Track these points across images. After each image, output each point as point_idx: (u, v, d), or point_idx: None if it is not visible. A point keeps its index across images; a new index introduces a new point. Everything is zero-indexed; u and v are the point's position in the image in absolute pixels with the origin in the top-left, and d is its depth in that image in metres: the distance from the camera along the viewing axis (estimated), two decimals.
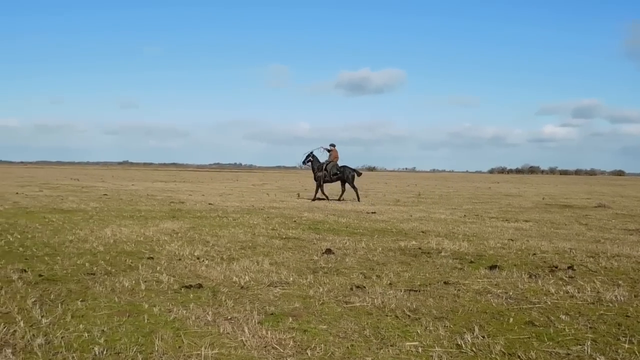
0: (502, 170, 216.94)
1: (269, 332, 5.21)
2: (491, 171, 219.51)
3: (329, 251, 9.86)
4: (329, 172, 25.66)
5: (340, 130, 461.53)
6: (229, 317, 5.73)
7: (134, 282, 7.22)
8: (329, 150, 26.02)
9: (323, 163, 25.89)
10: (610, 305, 6.50)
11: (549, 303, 6.55)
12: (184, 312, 5.86)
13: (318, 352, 4.76)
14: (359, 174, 26.58)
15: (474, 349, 4.92)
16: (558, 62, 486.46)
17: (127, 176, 71.66)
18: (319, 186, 25.97)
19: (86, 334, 5.08)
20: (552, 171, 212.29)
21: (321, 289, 6.99)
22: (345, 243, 11.06)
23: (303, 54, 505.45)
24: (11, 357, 4.51)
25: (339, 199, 25.56)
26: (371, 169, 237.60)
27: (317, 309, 6.12)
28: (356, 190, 25.99)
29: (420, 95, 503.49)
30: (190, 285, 7.05)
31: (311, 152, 26.22)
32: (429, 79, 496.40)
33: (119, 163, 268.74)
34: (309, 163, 26.28)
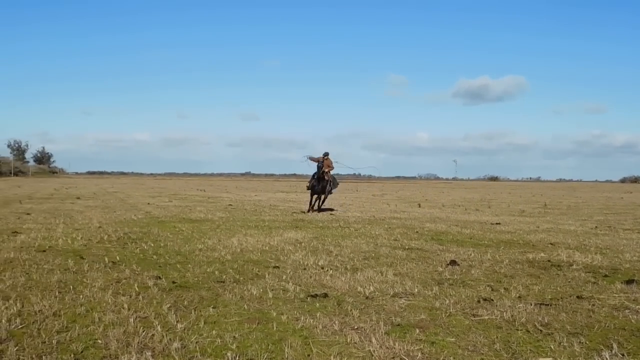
0: (635, 180, 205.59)
1: (396, 343, 5.18)
2: (623, 180, 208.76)
3: (453, 262, 9.70)
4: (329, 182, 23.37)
5: (460, 140, 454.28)
6: (356, 327, 5.74)
7: (261, 290, 7.39)
8: (316, 160, 23.22)
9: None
10: None
11: None
12: (311, 320, 5.94)
13: None
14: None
15: None
16: None
17: (249, 187, 73.78)
18: (317, 198, 23.60)
19: (219, 340, 5.25)
20: None
21: (447, 301, 6.88)
22: (470, 254, 10.83)
23: (420, 63, 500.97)
24: (151, 359, 4.73)
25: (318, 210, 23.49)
26: (493, 179, 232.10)
27: (443, 320, 6.02)
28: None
29: (543, 103, 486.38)
30: (316, 295, 7.13)
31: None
32: (550, 85, 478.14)
33: (242, 174, 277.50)
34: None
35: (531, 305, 6.72)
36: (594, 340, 5.39)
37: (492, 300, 6.98)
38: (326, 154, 23.47)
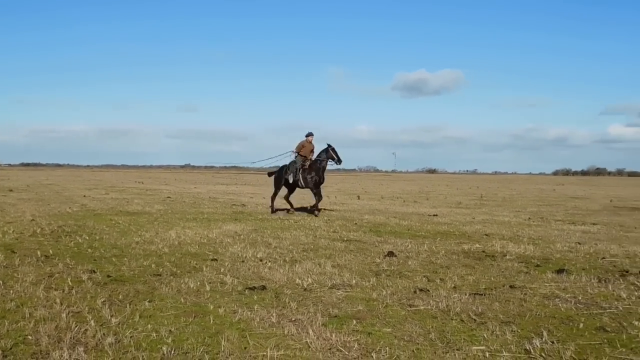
0: (567, 172, 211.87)
1: (333, 334, 5.20)
2: (555, 173, 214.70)
3: (391, 254, 9.80)
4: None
5: (399, 133, 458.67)
6: (293, 319, 5.75)
7: (199, 283, 7.32)
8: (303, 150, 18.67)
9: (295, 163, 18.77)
10: None
11: (621, 308, 6.34)
12: (249, 313, 5.91)
13: (383, 355, 4.72)
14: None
15: (543, 354, 4.80)
16: (622, 60, 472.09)
17: (189, 179, 72.88)
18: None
19: (154, 334, 5.17)
20: (619, 173, 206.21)
21: (384, 292, 6.94)
22: (408, 246, 10.97)
23: (358, 57, 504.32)
24: (83, 355, 4.62)
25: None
26: (432, 171, 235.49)
27: (380, 311, 6.08)
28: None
29: (479, 97, 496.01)
30: (254, 287, 7.10)
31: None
32: (487, 80, 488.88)
33: (181, 166, 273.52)
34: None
35: (466, 295, 6.85)
36: (526, 329, 5.53)
37: (428, 290, 7.08)
38: (310, 135, 18.74)
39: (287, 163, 19.06)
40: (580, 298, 6.81)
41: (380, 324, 5.64)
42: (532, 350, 4.87)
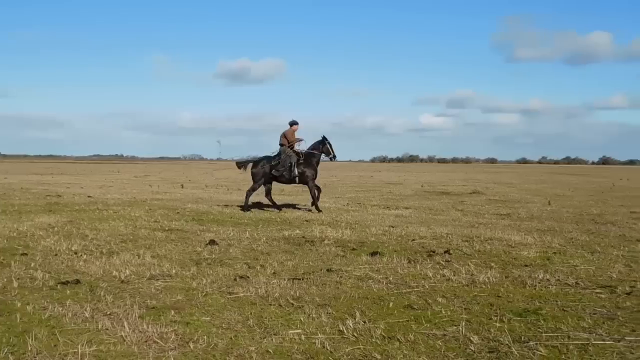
0: (384, 159, 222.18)
1: (149, 326, 5.10)
2: (373, 160, 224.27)
3: (212, 242, 9.78)
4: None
5: (224, 121, 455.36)
6: (108, 313, 5.57)
7: (5, 280, 6.87)
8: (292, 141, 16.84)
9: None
10: (483, 286, 6.83)
11: (427, 287, 6.80)
12: (60, 309, 5.64)
13: (201, 344, 4.72)
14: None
15: (355, 334, 5.03)
16: (433, 53, 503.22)
17: None
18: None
19: None
20: (430, 160, 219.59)
21: (204, 281, 6.92)
22: (230, 234, 10.99)
23: (182, 44, 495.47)
24: None
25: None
26: None
27: (200, 300, 6.06)
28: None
29: (301, 86, 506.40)
30: (67, 282, 6.78)
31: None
32: (309, 70, 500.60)
33: None
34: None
35: (285, 280, 7.00)
36: (340, 310, 5.77)
37: (249, 277, 7.16)
38: (295, 124, 16.94)
39: (271, 155, 16.67)
40: (391, 278, 7.20)
41: (199, 313, 5.62)
42: (345, 331, 5.08)
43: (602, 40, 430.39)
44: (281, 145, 16.63)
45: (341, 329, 5.15)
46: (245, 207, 16.21)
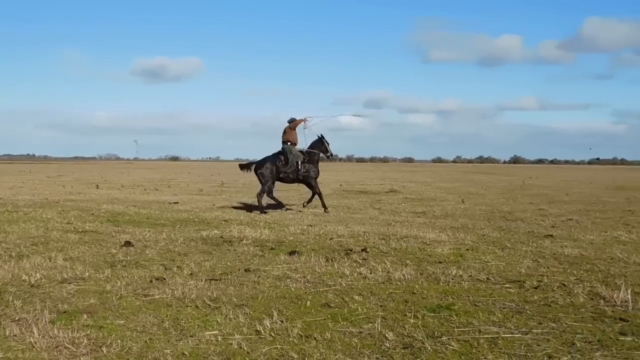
0: None
1: (60, 332, 4.96)
2: None
3: (128, 244, 9.58)
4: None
5: (140, 119, 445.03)
6: (17, 318, 5.38)
7: None
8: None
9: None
10: (399, 283, 6.97)
11: (344, 285, 6.88)
12: None
13: (114, 349, 4.62)
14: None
15: (272, 333, 5.04)
16: (350, 54, 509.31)
17: None
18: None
19: None
20: (349, 159, 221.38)
21: (119, 283, 6.78)
22: (146, 235, 10.79)
23: (96, 41, 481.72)
24: None
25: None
26: (175, 159, 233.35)
27: (114, 304, 5.93)
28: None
29: (220, 85, 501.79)
30: None
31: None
32: (227, 69, 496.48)
33: None
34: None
35: (202, 281, 6.94)
36: (258, 310, 5.76)
37: (165, 279, 7.06)
38: (293, 120, 16.81)
39: (274, 155, 16.47)
40: (309, 277, 7.25)
41: (113, 316, 5.50)
42: (262, 331, 5.09)
43: (512, 44, 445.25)
44: (285, 142, 16.44)
45: (258, 329, 5.15)
46: (261, 210, 15.63)
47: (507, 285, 6.90)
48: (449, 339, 4.95)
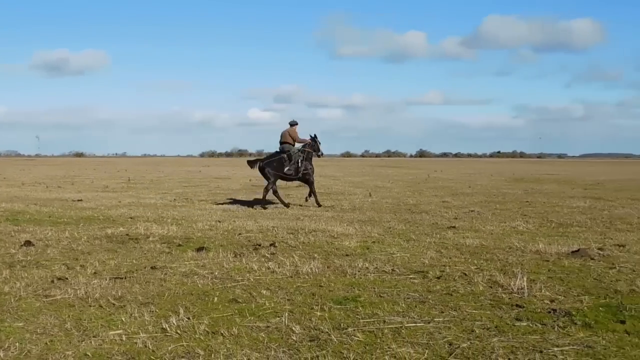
0: (213, 154, 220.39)
1: None
2: (202, 155, 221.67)
3: (28, 243, 9.24)
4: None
5: (42, 115, 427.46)
6: None
7: None
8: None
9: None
10: (307, 277, 7.05)
11: (252, 280, 6.89)
12: None
13: (12, 352, 4.47)
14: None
15: (178, 331, 5.00)
16: (260, 49, 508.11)
17: None
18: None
19: None
20: (259, 154, 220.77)
21: (18, 284, 6.55)
22: (48, 234, 10.44)
23: None
24: None
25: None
26: (79, 155, 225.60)
27: (12, 305, 5.73)
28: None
29: (126, 79, 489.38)
30: None
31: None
32: (133, 62, 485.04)
33: None
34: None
35: (106, 280, 6.80)
36: (164, 308, 5.70)
37: (67, 278, 6.87)
38: (295, 124, 17.33)
39: (279, 153, 16.91)
40: (216, 273, 7.23)
41: (12, 318, 5.32)
42: (168, 329, 5.04)
43: (416, 40, 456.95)
44: (284, 143, 16.90)
45: (164, 326, 5.09)
46: (285, 204, 16.34)
47: (411, 276, 7.10)
48: (354, 330, 5.06)
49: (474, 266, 7.67)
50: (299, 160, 16.82)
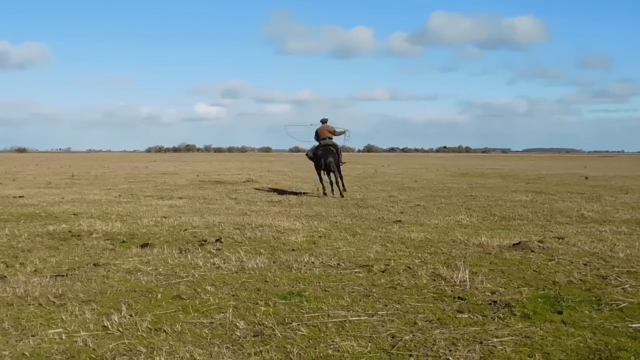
0: (160, 149, 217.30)
1: None
2: (149, 150, 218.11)
3: None
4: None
5: None
6: None
7: None
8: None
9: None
10: (252, 272, 7.04)
11: (197, 276, 6.85)
12: None
13: None
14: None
15: (120, 328, 4.94)
16: (207, 44, 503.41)
17: None
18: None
19: None
20: (207, 149, 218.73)
21: None
22: None
23: None
24: None
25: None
26: (21, 150, 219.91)
27: None
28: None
29: (68, 73, 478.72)
30: None
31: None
32: (75, 56, 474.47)
33: None
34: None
35: (47, 278, 6.66)
36: (106, 305, 5.62)
37: (6, 277, 6.71)
38: (325, 120, 18.67)
39: (322, 147, 18.00)
40: (161, 270, 7.16)
41: None
42: (109, 326, 4.97)
43: (363, 36, 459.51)
44: (325, 139, 18.10)
45: (106, 324, 5.03)
46: (325, 191, 18.00)
47: (356, 270, 7.16)
48: (298, 324, 5.08)
49: (418, 260, 7.78)
50: (334, 152, 17.87)
